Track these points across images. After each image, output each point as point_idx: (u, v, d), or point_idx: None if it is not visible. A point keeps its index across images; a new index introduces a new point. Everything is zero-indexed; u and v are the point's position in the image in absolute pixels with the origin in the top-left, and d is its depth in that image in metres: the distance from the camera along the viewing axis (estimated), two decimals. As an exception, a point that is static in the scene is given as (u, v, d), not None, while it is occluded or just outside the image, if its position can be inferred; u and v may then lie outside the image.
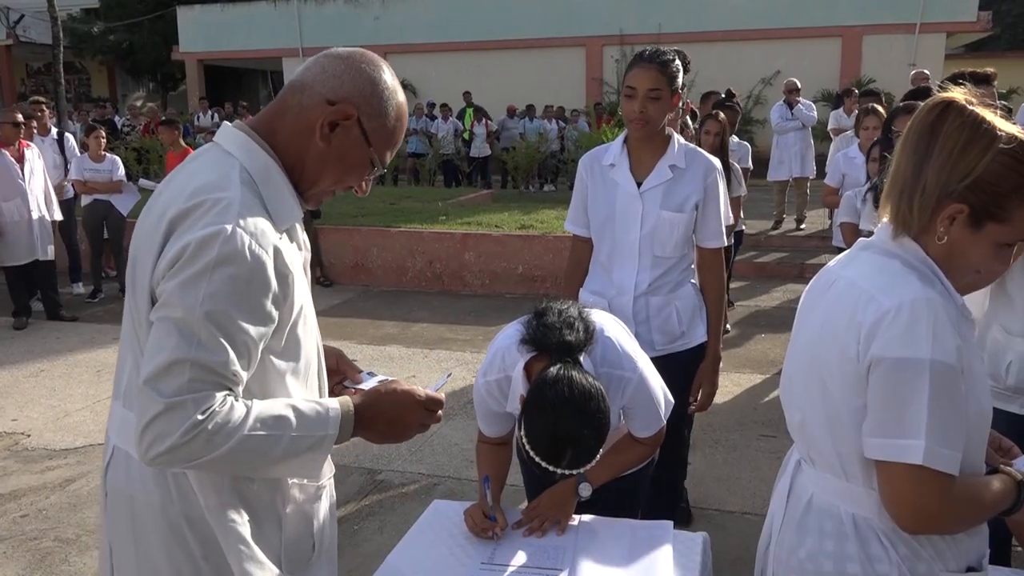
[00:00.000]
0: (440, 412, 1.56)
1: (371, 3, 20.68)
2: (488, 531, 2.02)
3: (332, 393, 1.64)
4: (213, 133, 9.78)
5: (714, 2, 17.69)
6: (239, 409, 1.31)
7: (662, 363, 2.71)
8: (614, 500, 2.24)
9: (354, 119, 1.44)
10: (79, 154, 8.07)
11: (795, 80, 10.17)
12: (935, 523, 1.38)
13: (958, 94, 1.39)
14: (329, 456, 1.53)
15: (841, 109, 9.78)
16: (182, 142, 8.28)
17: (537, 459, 1.83)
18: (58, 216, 7.25)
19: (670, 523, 2.07)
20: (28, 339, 6.74)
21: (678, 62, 2.74)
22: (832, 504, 1.51)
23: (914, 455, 1.32)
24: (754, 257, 8.88)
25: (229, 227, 1.30)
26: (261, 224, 1.35)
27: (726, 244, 2.91)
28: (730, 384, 5.27)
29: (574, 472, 1.87)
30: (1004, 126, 1.35)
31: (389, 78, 1.48)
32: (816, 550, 1.52)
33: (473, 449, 4.34)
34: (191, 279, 1.28)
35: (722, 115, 5.30)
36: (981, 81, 2.86)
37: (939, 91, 1.43)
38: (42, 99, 7.71)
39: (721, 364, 3.02)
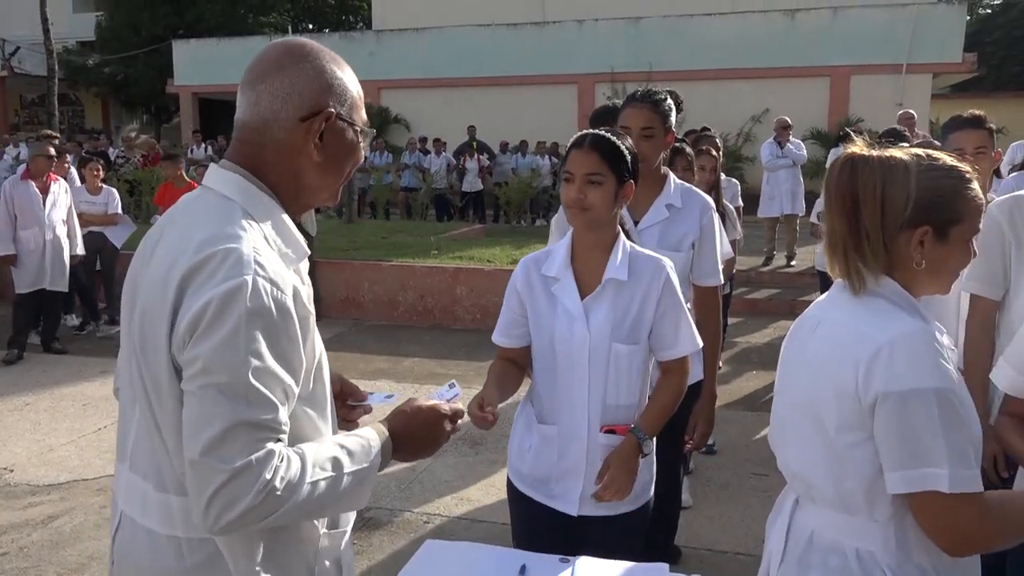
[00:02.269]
0: (459, 422, 1.60)
1: (365, 39, 20.90)
2: (485, 421, 2.03)
3: (339, 416, 1.64)
4: (206, 166, 9.73)
5: (704, 41, 17.94)
6: (295, 460, 1.30)
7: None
8: (616, 538, 2.22)
9: (333, 116, 1.42)
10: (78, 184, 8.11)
11: (786, 118, 10.26)
12: (979, 543, 1.41)
13: (855, 148, 1.51)
14: None
15: (841, 148, 9.86)
16: (185, 176, 8.17)
17: (569, 148, 2.15)
18: (80, 251, 7.31)
19: (666, 566, 2.03)
20: (13, 372, 6.66)
21: (670, 101, 2.77)
22: (835, 540, 1.51)
23: (941, 483, 1.35)
24: (745, 293, 8.90)
25: (249, 279, 1.27)
26: (278, 269, 1.32)
27: (723, 283, 2.91)
28: (721, 422, 5.22)
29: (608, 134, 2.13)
30: (905, 152, 1.47)
31: (324, 55, 1.44)
32: None
33: (463, 487, 4.32)
34: (227, 341, 1.24)
35: (714, 151, 5.01)
36: (972, 124, 2.86)
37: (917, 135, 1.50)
38: (54, 133, 7.77)
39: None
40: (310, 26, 30.82)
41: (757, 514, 3.97)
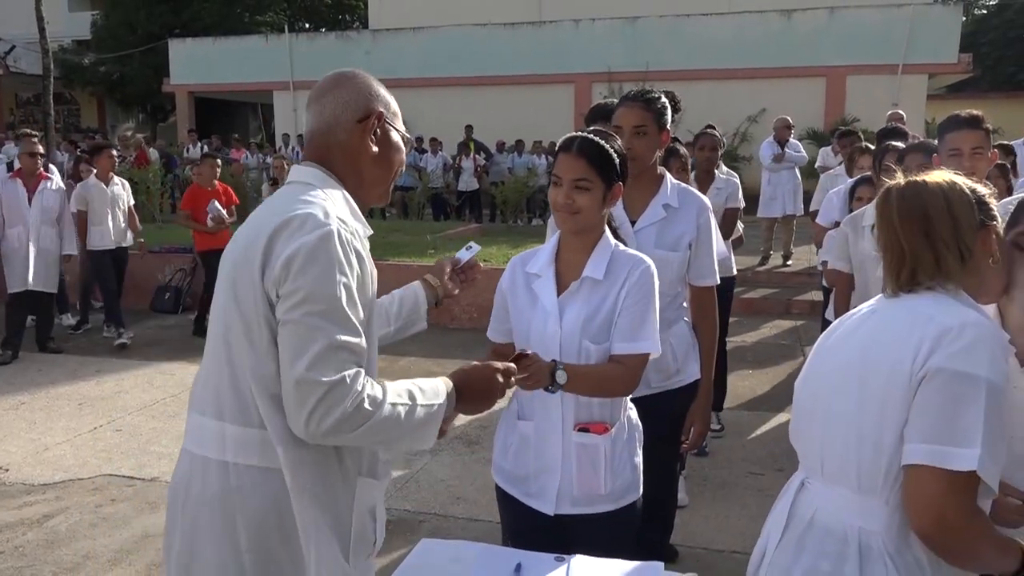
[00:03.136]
0: (513, 378, 1.85)
1: (362, 38, 20.88)
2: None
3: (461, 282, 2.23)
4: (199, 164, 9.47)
5: (701, 41, 17.95)
6: (377, 384, 1.56)
7: (656, 400, 2.70)
8: (602, 538, 2.19)
9: (383, 116, 1.76)
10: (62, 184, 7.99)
11: (787, 118, 10.22)
12: (954, 536, 1.42)
13: (903, 176, 1.62)
14: (383, 459, 1.82)
15: (830, 148, 9.87)
16: (215, 182, 7.91)
17: (558, 151, 2.15)
18: (71, 251, 7.23)
19: (660, 564, 2.04)
20: (9, 371, 6.64)
21: (665, 100, 2.77)
22: (838, 520, 1.54)
23: (965, 463, 1.37)
24: (741, 293, 8.89)
25: (334, 228, 1.55)
26: (355, 226, 1.63)
27: (719, 283, 2.91)
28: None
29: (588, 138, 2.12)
30: (947, 174, 1.61)
31: (370, 77, 1.78)
32: (810, 568, 1.54)
33: (460, 486, 4.32)
34: (322, 275, 1.51)
35: (683, 150, 4.63)
36: (970, 124, 2.85)
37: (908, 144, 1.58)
38: (32, 132, 7.71)
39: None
40: (306, 25, 30.78)
41: (753, 513, 3.98)
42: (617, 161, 2.16)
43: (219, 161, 8.34)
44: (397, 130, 1.79)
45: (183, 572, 1.66)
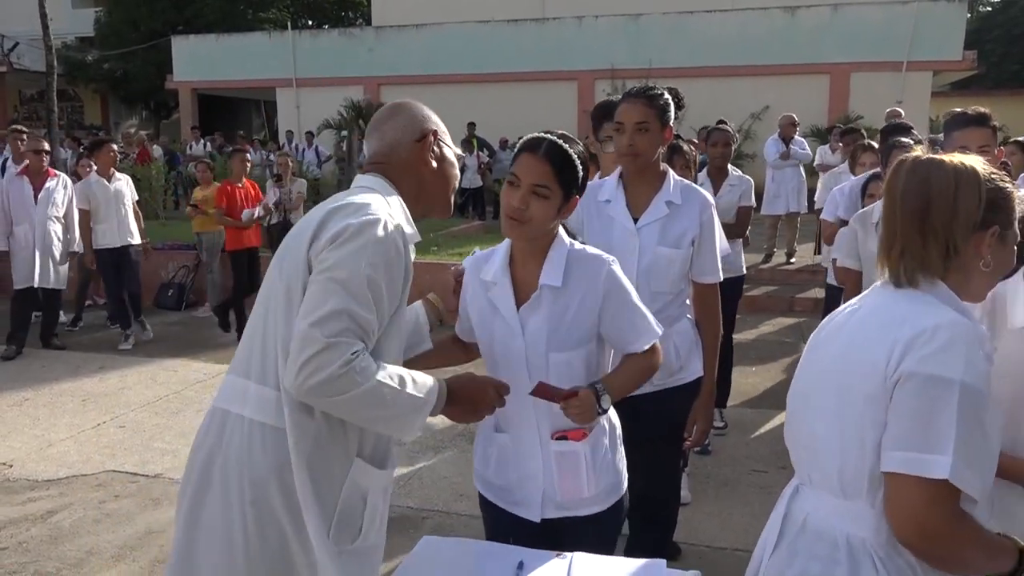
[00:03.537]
0: (505, 396, 1.95)
1: (365, 35, 20.86)
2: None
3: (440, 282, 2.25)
4: (205, 162, 9.52)
5: (704, 38, 17.92)
6: (372, 360, 1.63)
7: (659, 398, 2.70)
8: (586, 540, 2.14)
9: (438, 134, 1.95)
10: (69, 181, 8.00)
11: (793, 115, 10.19)
12: (937, 543, 1.38)
13: (918, 152, 1.54)
14: (392, 454, 1.89)
15: (828, 146, 9.84)
16: (243, 178, 7.77)
17: (521, 150, 2.02)
18: (77, 248, 7.21)
19: (663, 562, 2.03)
20: (12, 367, 6.66)
21: (668, 97, 2.75)
22: (828, 525, 1.52)
23: (939, 470, 1.33)
24: (744, 291, 8.87)
25: (382, 219, 1.69)
26: (404, 225, 1.76)
27: (721, 279, 2.90)
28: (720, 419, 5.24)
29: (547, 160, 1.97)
30: (964, 158, 1.51)
31: (420, 105, 1.97)
32: (802, 572, 1.53)
33: (463, 483, 4.33)
34: (355, 251, 1.63)
35: (686, 147, 4.44)
36: (977, 122, 2.84)
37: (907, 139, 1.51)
38: (22, 127, 7.72)
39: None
40: (309, 22, 30.74)
41: (756, 511, 3.97)
42: (581, 173, 2.03)
43: (248, 156, 8.24)
44: (450, 147, 1.97)
45: (192, 517, 1.75)
